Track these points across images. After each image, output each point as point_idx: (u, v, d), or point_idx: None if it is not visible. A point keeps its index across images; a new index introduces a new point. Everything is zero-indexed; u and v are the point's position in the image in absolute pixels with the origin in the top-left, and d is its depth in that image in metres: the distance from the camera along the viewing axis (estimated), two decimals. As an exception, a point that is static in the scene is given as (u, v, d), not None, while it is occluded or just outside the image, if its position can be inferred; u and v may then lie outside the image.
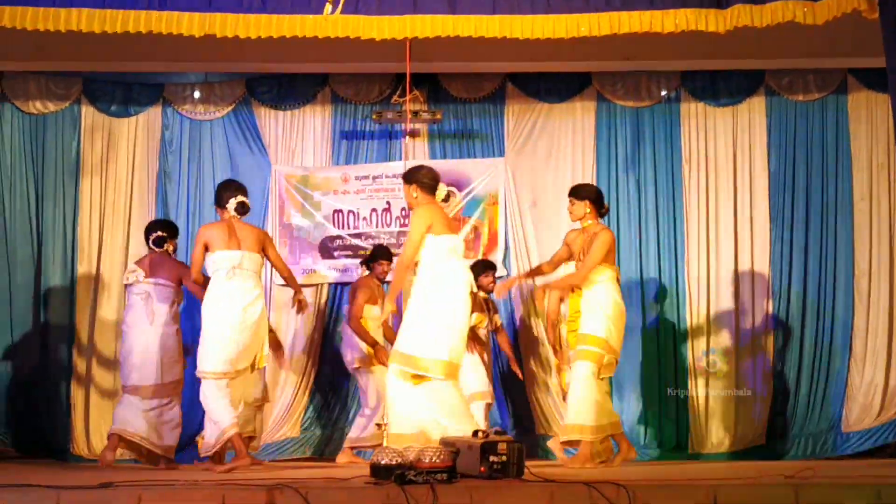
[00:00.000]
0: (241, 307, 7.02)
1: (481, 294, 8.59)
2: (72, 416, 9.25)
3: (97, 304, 9.43)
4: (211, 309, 7.06)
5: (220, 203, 7.34)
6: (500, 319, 9.04)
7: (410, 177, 6.78)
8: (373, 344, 8.51)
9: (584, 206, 7.54)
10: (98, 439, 9.15)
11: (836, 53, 9.04)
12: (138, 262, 8.06)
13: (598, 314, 7.34)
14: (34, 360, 9.32)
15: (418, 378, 6.46)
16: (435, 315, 6.49)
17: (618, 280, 7.56)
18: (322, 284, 9.54)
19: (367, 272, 8.85)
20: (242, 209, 7.27)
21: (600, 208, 7.57)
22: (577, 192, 7.65)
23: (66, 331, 9.38)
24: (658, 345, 9.43)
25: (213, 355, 7.01)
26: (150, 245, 8.03)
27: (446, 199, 6.84)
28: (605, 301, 7.37)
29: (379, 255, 8.79)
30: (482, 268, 8.72)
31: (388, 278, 8.72)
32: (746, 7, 7.12)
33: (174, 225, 8.40)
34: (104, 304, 9.43)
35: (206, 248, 7.12)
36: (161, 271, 7.91)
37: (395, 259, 8.57)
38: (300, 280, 9.43)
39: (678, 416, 9.33)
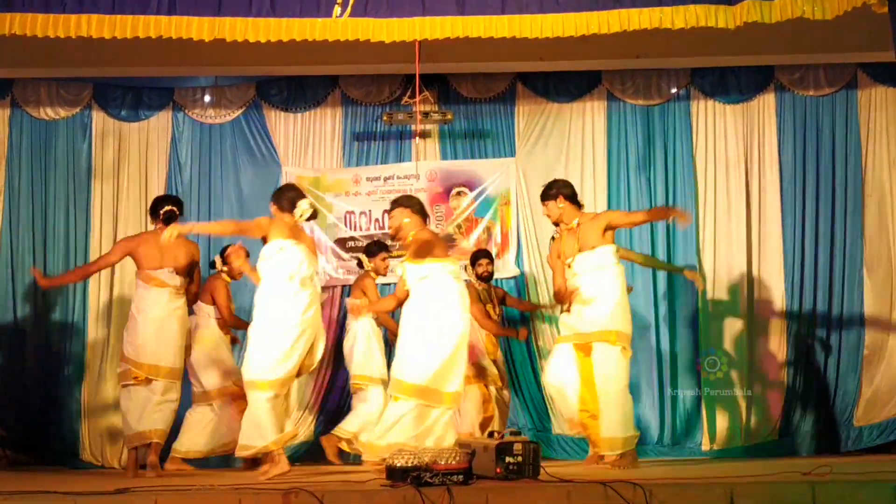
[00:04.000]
0: None
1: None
2: (81, 423, 9.23)
3: (112, 309, 9.42)
4: None
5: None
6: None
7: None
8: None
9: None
10: (108, 446, 9.16)
11: (846, 48, 9.00)
12: None
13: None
14: (43, 367, 9.30)
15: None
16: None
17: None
18: (335, 287, 9.53)
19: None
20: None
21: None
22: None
23: (77, 337, 9.39)
24: (671, 342, 9.41)
25: None
26: None
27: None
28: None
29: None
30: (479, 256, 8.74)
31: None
32: (756, 3, 7.14)
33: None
34: (120, 308, 9.39)
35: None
36: None
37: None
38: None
39: (691, 413, 9.30)
